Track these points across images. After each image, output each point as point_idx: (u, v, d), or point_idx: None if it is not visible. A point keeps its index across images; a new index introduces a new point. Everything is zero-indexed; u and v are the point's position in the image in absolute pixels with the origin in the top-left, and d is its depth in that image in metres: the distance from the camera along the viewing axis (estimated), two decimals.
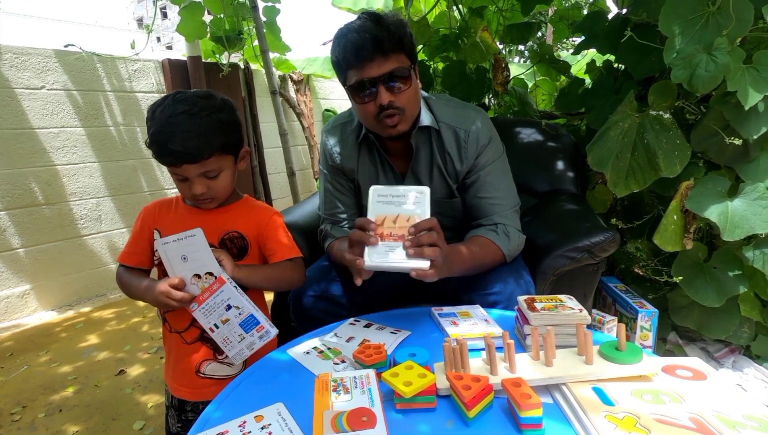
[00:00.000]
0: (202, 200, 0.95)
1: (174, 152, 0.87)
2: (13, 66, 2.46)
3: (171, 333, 1.03)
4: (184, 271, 0.89)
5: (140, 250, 1.01)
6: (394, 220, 0.85)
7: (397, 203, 0.87)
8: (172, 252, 0.88)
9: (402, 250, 0.82)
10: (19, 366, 2.00)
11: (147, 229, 1.00)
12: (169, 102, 0.89)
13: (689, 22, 1.15)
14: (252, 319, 0.89)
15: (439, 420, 0.62)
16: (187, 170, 0.90)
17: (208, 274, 0.88)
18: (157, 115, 0.88)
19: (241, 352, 0.91)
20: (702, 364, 0.69)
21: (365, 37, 0.94)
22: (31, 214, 2.58)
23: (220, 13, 2.74)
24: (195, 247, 0.86)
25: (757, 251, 1.26)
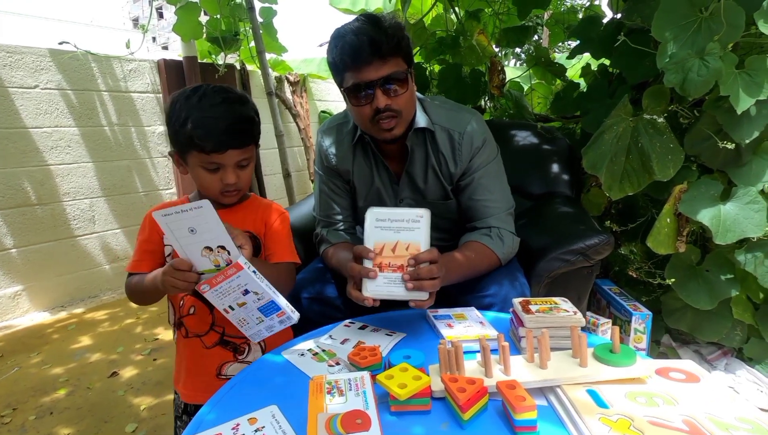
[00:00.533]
0: (230, 193, 0.94)
1: (222, 137, 0.87)
2: (7, 65, 2.44)
3: (187, 338, 1.00)
4: (192, 244, 0.81)
5: (150, 258, 0.97)
6: (393, 249, 0.85)
7: (395, 229, 0.86)
8: (176, 224, 0.79)
9: (401, 282, 0.84)
10: (9, 368, 1.98)
11: (156, 235, 0.96)
12: (204, 91, 0.90)
13: (682, 27, 1.16)
14: (272, 305, 0.83)
15: (433, 422, 0.62)
16: (228, 157, 0.89)
17: (220, 248, 0.81)
18: (194, 102, 0.88)
19: (259, 333, 0.87)
20: (695, 366, 0.70)
21: (363, 40, 0.94)
22: (24, 214, 2.56)
23: (216, 14, 2.74)
24: (204, 218, 0.78)
25: (749, 255, 1.27)
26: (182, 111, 0.88)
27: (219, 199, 0.95)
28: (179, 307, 1.01)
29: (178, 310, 1.01)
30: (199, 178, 0.93)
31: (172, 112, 0.90)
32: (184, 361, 1.03)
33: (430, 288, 0.84)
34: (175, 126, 0.90)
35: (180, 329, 1.02)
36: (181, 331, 1.01)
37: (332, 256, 1.15)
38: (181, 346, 1.03)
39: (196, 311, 0.99)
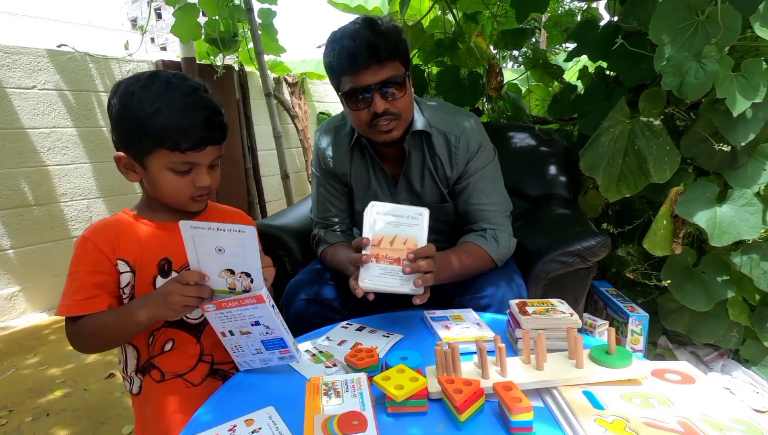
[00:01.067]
0: (201, 197, 0.82)
1: (202, 132, 0.75)
2: (4, 65, 2.43)
3: (162, 383, 0.83)
4: (213, 263, 0.72)
5: (103, 292, 0.78)
6: (391, 242, 0.86)
7: (395, 224, 0.87)
8: (202, 239, 0.70)
9: (397, 275, 0.85)
10: (6, 369, 1.97)
11: (107, 262, 0.78)
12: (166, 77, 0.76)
13: (679, 30, 1.17)
14: (279, 341, 0.77)
15: (430, 424, 0.62)
16: (205, 155, 0.77)
17: (243, 274, 0.72)
18: (159, 91, 0.74)
19: (250, 362, 0.79)
20: (690, 368, 0.70)
21: (360, 44, 0.94)
22: (21, 214, 2.55)
23: (215, 15, 2.74)
24: (240, 243, 0.69)
25: (745, 257, 1.28)
26: (144, 102, 0.73)
27: (186, 207, 0.83)
28: (147, 346, 0.84)
29: (145, 350, 0.84)
30: (165, 182, 0.78)
31: (127, 104, 0.75)
32: (160, 416, 0.83)
33: (426, 283, 0.86)
34: (134, 121, 0.74)
35: (147, 375, 0.84)
36: (152, 376, 0.84)
37: (332, 255, 1.16)
38: (153, 396, 0.84)
39: (176, 345, 0.84)
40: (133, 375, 0.85)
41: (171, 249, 0.81)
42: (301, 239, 1.34)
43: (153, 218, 0.83)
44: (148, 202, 0.85)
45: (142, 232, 0.82)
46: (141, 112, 0.73)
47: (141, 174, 0.80)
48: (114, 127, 0.79)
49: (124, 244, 0.80)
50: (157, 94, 0.74)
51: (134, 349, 0.84)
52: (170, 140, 0.74)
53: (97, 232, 0.80)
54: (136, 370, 0.85)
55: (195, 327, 0.86)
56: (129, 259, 0.80)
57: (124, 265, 0.79)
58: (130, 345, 0.84)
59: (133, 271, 0.80)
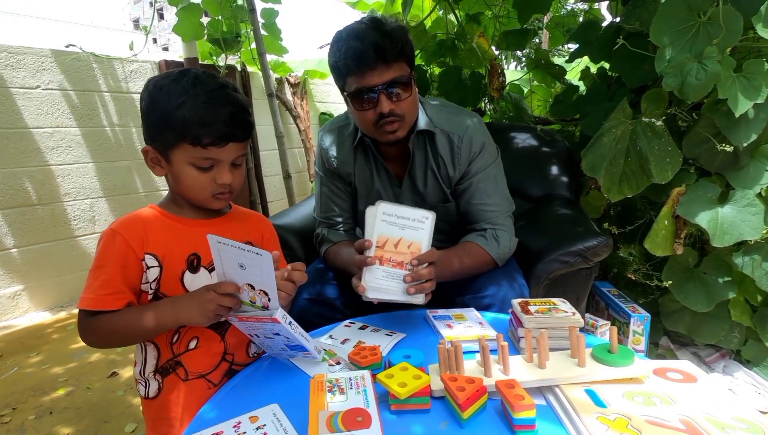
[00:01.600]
0: (223, 195, 0.81)
1: (224, 127, 0.75)
2: (8, 65, 2.44)
3: (187, 382, 0.82)
4: (237, 276, 0.73)
5: (127, 288, 0.77)
6: (395, 244, 0.88)
7: (400, 226, 0.88)
8: (227, 253, 0.72)
9: (399, 279, 0.87)
10: (9, 367, 1.98)
11: (133, 256, 0.77)
12: (195, 74, 0.77)
13: (680, 31, 1.17)
14: (299, 348, 0.79)
15: (433, 421, 0.63)
16: (227, 152, 0.77)
17: (262, 292, 0.73)
18: (187, 86, 0.75)
19: (279, 355, 0.83)
20: (692, 367, 0.70)
21: (367, 44, 0.94)
22: (24, 214, 2.56)
23: (217, 15, 2.75)
24: (258, 264, 0.70)
25: (747, 257, 1.28)
26: (171, 96, 0.74)
27: (207, 204, 0.82)
28: (171, 344, 0.82)
29: (167, 349, 0.82)
30: (187, 177, 0.78)
31: (156, 98, 0.76)
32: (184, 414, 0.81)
33: (429, 288, 0.88)
34: (160, 114, 0.75)
35: (171, 374, 0.82)
36: (177, 375, 0.82)
37: (335, 254, 1.16)
38: (176, 395, 0.82)
39: (200, 343, 0.83)
40: (150, 377, 0.83)
41: (199, 245, 0.80)
42: (303, 239, 1.35)
43: (179, 214, 0.83)
44: (173, 198, 0.85)
45: (169, 227, 0.81)
46: (167, 105, 0.75)
47: (166, 168, 0.80)
48: (143, 120, 0.80)
49: (153, 238, 0.79)
50: (184, 88, 0.75)
51: (155, 348, 0.82)
52: (192, 134, 0.74)
53: (126, 225, 0.79)
54: (155, 370, 0.82)
55: (220, 325, 0.85)
56: (157, 253, 0.79)
57: (152, 259, 0.78)
58: (151, 343, 0.82)
59: (161, 265, 0.78)
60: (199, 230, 0.81)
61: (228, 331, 0.86)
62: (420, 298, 0.88)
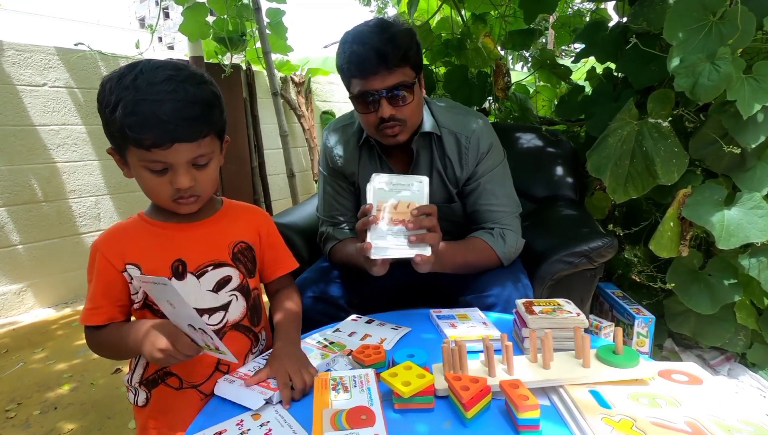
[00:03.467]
0: (185, 199, 0.74)
1: (165, 126, 0.66)
2: (16, 63, 2.46)
3: (180, 391, 0.80)
4: (177, 317, 0.67)
5: (108, 302, 0.75)
6: (395, 206, 0.90)
7: (397, 190, 0.91)
8: (156, 295, 0.66)
9: (403, 236, 0.88)
10: (14, 363, 1.99)
11: (112, 271, 0.75)
12: (143, 68, 0.68)
13: (693, 31, 1.16)
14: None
15: (437, 420, 0.63)
16: (176, 154, 0.68)
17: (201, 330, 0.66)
18: (129, 82, 0.66)
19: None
20: (698, 368, 0.70)
21: (369, 49, 0.94)
22: (30, 210, 2.58)
23: (223, 14, 2.76)
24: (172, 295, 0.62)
25: (753, 259, 1.27)
26: (112, 95, 0.67)
27: (173, 209, 0.76)
28: None
29: None
30: (144, 181, 0.72)
31: (100, 96, 0.69)
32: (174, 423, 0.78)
33: (432, 240, 0.88)
34: (103, 115, 0.69)
35: (160, 385, 0.80)
36: (168, 385, 0.80)
37: (340, 250, 1.17)
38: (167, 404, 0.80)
39: None
40: (137, 386, 0.81)
41: (183, 250, 0.78)
42: (307, 237, 1.35)
43: (163, 219, 0.79)
44: (153, 203, 0.80)
45: (151, 234, 0.78)
46: (107, 104, 0.67)
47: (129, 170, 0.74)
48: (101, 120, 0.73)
49: (132, 247, 0.76)
50: (125, 85, 0.66)
51: (143, 358, 0.81)
52: (131, 136, 0.66)
53: (105, 240, 0.77)
54: (140, 381, 0.81)
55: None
56: (139, 262, 0.76)
57: (134, 269, 0.76)
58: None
59: None
60: (184, 235, 0.78)
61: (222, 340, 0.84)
62: (426, 249, 0.87)
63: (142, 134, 0.66)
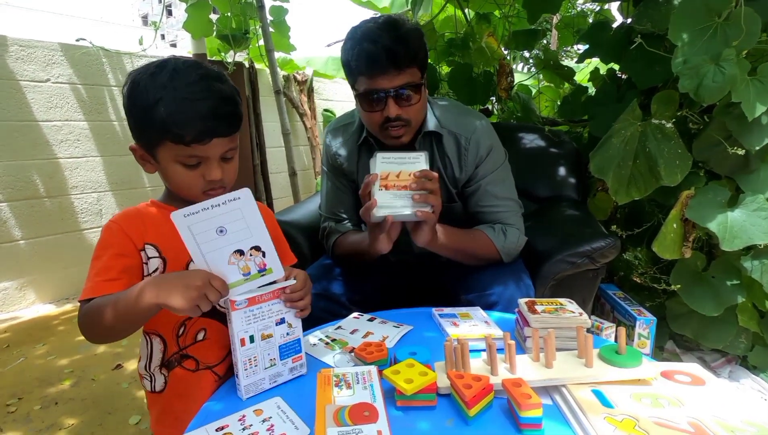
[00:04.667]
0: (215, 191, 0.77)
1: (206, 123, 0.70)
2: (19, 58, 2.47)
3: (196, 373, 0.79)
4: (219, 250, 0.65)
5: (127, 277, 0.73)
6: (397, 175, 0.93)
7: (399, 163, 0.94)
8: (201, 225, 0.63)
9: (406, 198, 0.92)
10: (15, 358, 2.00)
11: (131, 247, 0.74)
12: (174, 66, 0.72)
13: (697, 32, 1.16)
14: (296, 346, 0.74)
15: (439, 418, 0.63)
16: (213, 148, 0.73)
17: (254, 250, 0.66)
18: (164, 80, 0.70)
19: (258, 383, 0.71)
20: (701, 369, 0.70)
21: (380, 48, 0.93)
22: (32, 206, 2.58)
23: (227, 12, 2.76)
24: (240, 213, 0.63)
25: (756, 262, 1.27)
26: (149, 92, 0.70)
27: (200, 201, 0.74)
28: (176, 336, 0.79)
29: (173, 342, 0.79)
30: (176, 175, 0.75)
31: (135, 94, 0.72)
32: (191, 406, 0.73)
33: (434, 201, 0.91)
34: (139, 113, 0.72)
35: (177, 368, 0.79)
36: (185, 367, 0.79)
37: (344, 241, 1.18)
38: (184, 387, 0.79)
39: (208, 335, 0.80)
40: (156, 371, 0.80)
41: None
42: (309, 235, 1.35)
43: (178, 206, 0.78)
44: (170, 194, 0.82)
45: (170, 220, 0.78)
46: (145, 102, 0.70)
47: (155, 166, 0.77)
48: (127, 118, 0.76)
49: (152, 229, 0.76)
50: (161, 83, 0.70)
51: (161, 342, 0.79)
52: (172, 132, 0.70)
53: (124, 217, 0.77)
54: (161, 364, 0.80)
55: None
56: (158, 244, 0.76)
57: (152, 249, 0.76)
58: (157, 336, 0.79)
59: (163, 258, 0.76)
60: None
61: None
62: (427, 207, 0.91)
63: (184, 131, 0.70)
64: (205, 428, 0.63)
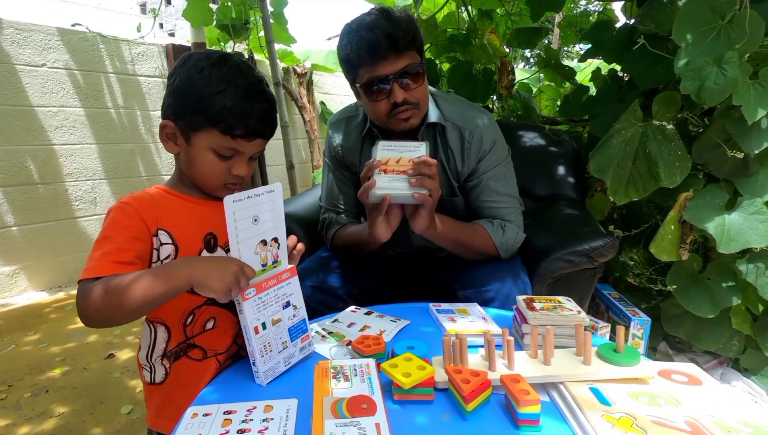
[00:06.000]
0: (234, 186, 0.80)
1: (258, 122, 0.76)
2: (15, 42, 2.43)
3: (203, 362, 0.79)
4: (251, 238, 0.69)
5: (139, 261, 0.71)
6: (397, 161, 0.95)
7: (399, 150, 0.97)
8: (243, 212, 0.66)
9: (403, 180, 0.93)
10: (6, 345, 1.98)
11: (145, 230, 0.73)
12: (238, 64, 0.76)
13: (701, 33, 1.16)
14: (302, 326, 0.75)
15: (436, 412, 0.62)
16: (252, 146, 0.77)
17: (273, 241, 0.72)
18: (228, 74, 0.74)
19: (275, 368, 0.72)
20: (697, 370, 0.70)
21: (379, 34, 0.94)
22: (26, 192, 2.55)
23: (227, 2, 2.73)
24: (271, 205, 0.69)
25: (751, 265, 1.27)
26: (211, 80, 0.73)
27: (216, 192, 0.80)
28: (183, 326, 0.78)
29: (179, 331, 0.78)
30: (204, 162, 0.76)
31: (194, 78, 0.74)
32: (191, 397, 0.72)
33: (431, 185, 0.92)
34: (195, 96, 0.74)
35: (182, 358, 0.79)
36: (191, 356, 0.79)
37: (344, 232, 1.18)
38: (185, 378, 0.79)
39: (217, 324, 0.80)
40: (157, 362, 0.79)
41: (214, 224, 0.79)
42: (307, 227, 1.34)
43: (190, 194, 0.81)
44: (181, 179, 0.82)
45: (182, 206, 0.79)
46: (206, 88, 0.73)
47: (181, 147, 0.77)
48: (171, 95, 0.77)
49: (166, 214, 0.76)
50: (225, 76, 0.74)
51: (165, 331, 0.78)
52: (227, 123, 0.73)
53: (137, 199, 0.75)
54: (163, 355, 0.78)
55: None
56: (171, 230, 0.75)
57: (165, 235, 0.75)
58: (162, 325, 0.78)
59: (176, 245, 0.75)
60: (213, 211, 0.79)
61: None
62: (425, 190, 0.92)
63: (238, 122, 0.74)
64: (218, 406, 0.62)
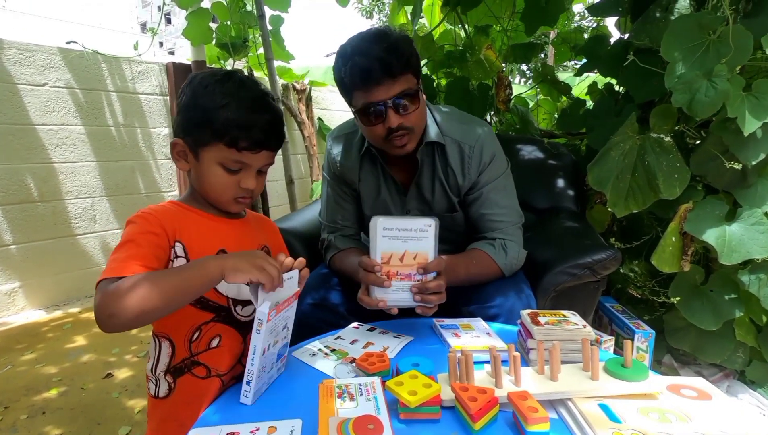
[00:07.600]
0: (244, 199, 0.81)
1: (263, 134, 0.76)
2: (17, 61, 2.45)
3: (206, 380, 0.78)
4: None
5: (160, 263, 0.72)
6: (400, 258, 0.87)
7: (403, 238, 0.87)
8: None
9: (409, 291, 0.88)
10: (2, 365, 1.95)
11: (165, 240, 0.74)
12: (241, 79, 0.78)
13: (690, 49, 1.18)
14: (286, 348, 0.78)
15: (443, 431, 0.61)
16: (258, 158, 0.78)
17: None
18: (232, 88, 0.76)
19: (261, 389, 0.73)
20: (707, 384, 0.69)
21: (372, 61, 0.92)
22: (25, 210, 2.55)
23: (226, 20, 2.77)
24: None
25: (753, 276, 1.27)
26: (216, 95, 0.75)
27: (226, 206, 0.82)
28: (189, 341, 0.77)
29: (183, 347, 0.77)
30: (213, 177, 0.77)
31: (200, 94, 0.76)
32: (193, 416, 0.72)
33: (436, 301, 0.89)
34: (201, 111, 0.75)
35: (186, 374, 0.78)
36: (195, 373, 0.78)
37: (341, 260, 1.16)
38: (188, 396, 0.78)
39: (222, 342, 0.79)
40: (161, 376, 0.78)
41: (226, 241, 0.80)
42: (307, 243, 1.34)
43: (204, 210, 0.82)
44: (193, 195, 0.83)
45: (196, 222, 0.80)
46: (210, 103, 0.75)
47: (191, 164, 0.79)
48: (180, 114, 0.80)
49: (183, 228, 0.77)
50: (229, 90, 0.76)
51: (170, 346, 0.78)
52: (231, 135, 0.74)
53: (159, 210, 0.76)
54: (166, 370, 0.78)
55: (244, 325, 0.82)
56: (186, 244, 0.76)
57: (180, 248, 0.75)
58: (167, 340, 0.78)
59: (187, 259, 0.75)
60: (225, 228, 0.82)
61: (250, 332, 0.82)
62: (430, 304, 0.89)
63: (242, 134, 0.75)
64: (220, 428, 0.61)
